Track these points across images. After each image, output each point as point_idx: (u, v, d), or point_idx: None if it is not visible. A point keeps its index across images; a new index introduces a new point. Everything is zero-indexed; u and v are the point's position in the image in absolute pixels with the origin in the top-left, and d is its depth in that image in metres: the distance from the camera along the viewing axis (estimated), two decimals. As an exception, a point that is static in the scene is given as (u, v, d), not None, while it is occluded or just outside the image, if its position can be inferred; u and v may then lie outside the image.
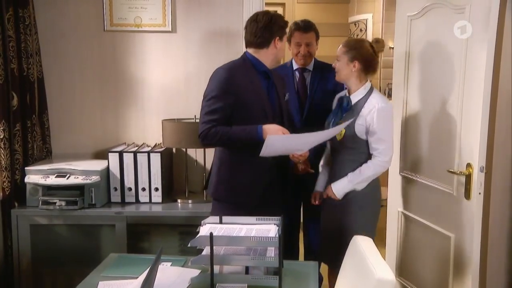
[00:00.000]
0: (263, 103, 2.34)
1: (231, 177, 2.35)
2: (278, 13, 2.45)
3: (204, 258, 1.78)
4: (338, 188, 2.43)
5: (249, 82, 2.32)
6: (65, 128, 3.11)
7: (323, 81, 2.94)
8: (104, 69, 3.08)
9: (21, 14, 2.73)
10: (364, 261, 1.61)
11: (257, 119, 2.28)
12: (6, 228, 2.76)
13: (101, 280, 1.88)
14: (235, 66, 2.36)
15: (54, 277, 2.76)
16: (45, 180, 2.73)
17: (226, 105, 2.26)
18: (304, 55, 2.91)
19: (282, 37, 2.38)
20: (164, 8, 3.01)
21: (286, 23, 2.41)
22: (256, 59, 2.37)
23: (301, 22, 2.95)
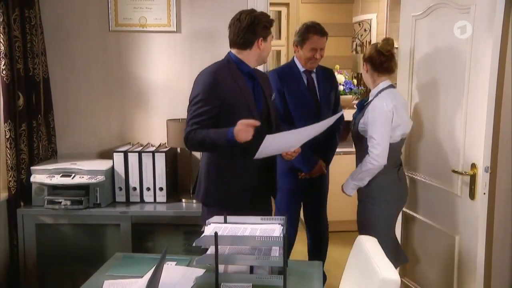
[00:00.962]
0: (249, 105, 2.28)
1: (221, 181, 2.31)
2: (263, 12, 2.39)
3: (209, 258, 1.79)
4: (345, 186, 2.59)
5: (235, 84, 2.27)
6: (70, 128, 3.13)
7: (324, 82, 2.96)
8: (109, 69, 3.09)
9: (27, 14, 2.74)
10: (368, 261, 1.61)
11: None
12: (12, 227, 2.78)
13: (106, 279, 1.89)
14: (219, 68, 2.30)
15: (59, 276, 2.78)
16: (51, 179, 2.75)
17: (212, 109, 2.21)
18: (317, 60, 2.87)
19: (267, 37, 2.32)
20: (169, 8, 3.02)
21: (271, 22, 2.34)
22: (240, 59, 2.32)
23: (317, 25, 2.86)
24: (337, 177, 3.13)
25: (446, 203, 2.49)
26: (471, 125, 2.30)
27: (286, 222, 1.94)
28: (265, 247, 1.83)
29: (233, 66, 2.32)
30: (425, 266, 2.70)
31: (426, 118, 2.65)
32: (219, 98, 2.21)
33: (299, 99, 2.87)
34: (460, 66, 2.36)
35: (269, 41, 2.35)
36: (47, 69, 3.00)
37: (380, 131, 2.40)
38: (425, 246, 2.69)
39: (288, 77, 2.89)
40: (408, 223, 2.84)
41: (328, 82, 2.98)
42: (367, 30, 6.63)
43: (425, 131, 2.66)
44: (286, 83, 2.88)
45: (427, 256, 2.68)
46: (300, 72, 2.91)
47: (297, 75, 2.90)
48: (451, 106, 2.44)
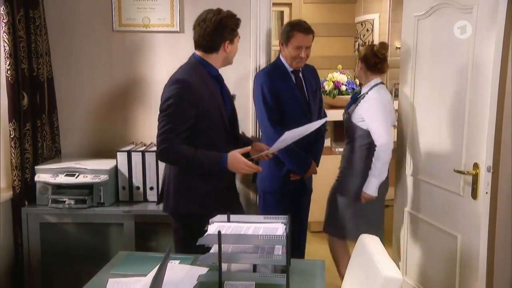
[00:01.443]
0: (220, 108, 2.28)
1: (195, 188, 2.26)
2: (230, 13, 2.30)
3: (212, 256, 1.80)
4: (369, 188, 2.69)
5: (206, 89, 2.24)
6: (74, 128, 3.15)
7: (310, 81, 2.93)
8: (113, 69, 3.11)
9: (32, 15, 2.76)
10: (371, 260, 1.62)
11: (217, 125, 2.27)
12: (16, 226, 2.80)
13: (110, 277, 1.90)
14: (190, 73, 2.24)
15: (63, 274, 2.79)
16: (55, 179, 2.77)
17: (190, 119, 2.17)
18: (303, 59, 2.80)
19: (233, 39, 2.28)
20: (172, 9, 3.03)
21: (237, 24, 2.29)
22: (207, 62, 2.28)
23: (302, 23, 2.81)
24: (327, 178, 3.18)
25: (448, 203, 2.50)
26: (473, 124, 2.31)
27: (289, 222, 1.95)
28: (268, 246, 1.84)
29: (202, 70, 2.27)
30: (427, 265, 2.71)
31: (428, 117, 2.66)
32: (195, 106, 2.18)
33: (289, 98, 2.82)
34: (462, 66, 2.36)
35: (236, 43, 2.31)
36: (51, 69, 3.01)
37: (381, 121, 2.64)
38: (428, 245, 2.70)
39: (277, 77, 2.83)
40: (411, 223, 2.84)
41: (313, 80, 2.96)
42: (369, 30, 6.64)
43: (427, 130, 2.66)
44: (277, 83, 2.81)
45: (429, 256, 2.69)
46: (288, 72, 2.84)
47: (285, 74, 2.84)
48: (453, 105, 2.45)
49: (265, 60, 3.09)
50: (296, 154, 2.80)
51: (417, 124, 2.75)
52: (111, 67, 3.10)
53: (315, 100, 2.93)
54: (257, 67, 3.08)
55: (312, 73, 2.98)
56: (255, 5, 3.04)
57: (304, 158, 2.85)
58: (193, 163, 2.18)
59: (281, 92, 2.81)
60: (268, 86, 2.79)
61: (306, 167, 2.85)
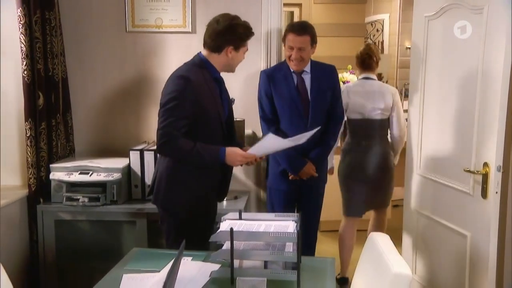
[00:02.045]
0: (218, 109, 2.32)
1: (185, 183, 2.30)
2: (245, 23, 2.34)
3: (225, 253, 1.84)
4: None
5: (207, 88, 2.29)
6: (88, 127, 3.20)
7: (320, 82, 2.84)
8: (126, 69, 3.16)
9: (48, 16, 2.82)
10: (381, 257, 1.65)
11: (214, 126, 2.31)
12: (32, 223, 2.85)
13: (125, 273, 1.94)
14: (193, 71, 2.29)
15: (77, 270, 2.84)
16: (69, 177, 2.82)
17: (189, 115, 2.21)
18: (296, 60, 2.75)
19: (238, 48, 2.31)
20: (184, 9, 3.08)
21: (247, 35, 2.32)
22: (209, 62, 2.32)
23: (297, 24, 2.80)
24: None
25: (458, 202, 2.51)
26: (483, 124, 2.32)
27: (300, 220, 1.98)
28: (279, 243, 1.87)
29: (204, 69, 2.32)
30: (436, 264, 2.72)
31: (438, 117, 2.67)
32: (195, 103, 2.22)
33: (286, 100, 2.81)
34: (472, 66, 2.37)
35: (241, 52, 2.34)
36: (66, 69, 3.08)
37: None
38: (437, 244, 2.71)
39: (277, 77, 2.83)
40: (420, 222, 2.86)
41: (324, 81, 2.86)
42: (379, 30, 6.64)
43: (437, 130, 2.67)
44: (274, 83, 2.82)
45: (438, 255, 2.70)
46: (290, 73, 2.82)
47: (286, 75, 2.82)
48: (463, 105, 2.46)
49: (275, 60, 3.12)
50: (289, 154, 2.77)
51: (427, 124, 2.76)
52: (124, 67, 3.16)
53: (321, 103, 2.84)
54: (268, 67, 3.11)
55: (327, 74, 2.89)
56: (267, 6, 3.07)
57: (296, 159, 2.82)
58: (192, 156, 2.22)
59: (276, 92, 2.81)
60: (265, 85, 2.84)
61: (298, 168, 2.82)
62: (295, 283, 1.81)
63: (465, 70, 2.44)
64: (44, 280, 2.85)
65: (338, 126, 2.96)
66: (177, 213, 2.33)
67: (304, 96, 2.83)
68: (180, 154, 2.24)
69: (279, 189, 2.92)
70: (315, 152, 2.85)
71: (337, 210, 3.36)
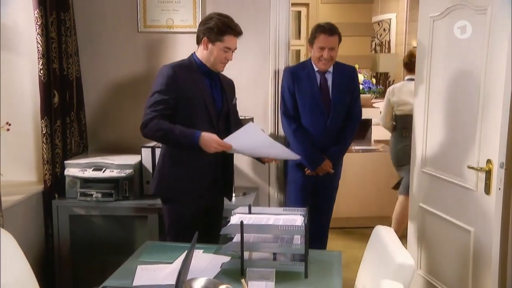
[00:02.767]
0: (206, 103, 2.38)
1: (173, 172, 2.41)
2: (229, 20, 2.39)
3: (235, 245, 1.91)
4: None
5: (192, 80, 2.37)
6: (101, 125, 3.29)
7: (340, 83, 2.97)
8: (138, 68, 3.24)
9: (63, 17, 2.90)
10: (385, 249, 1.71)
11: (200, 116, 2.36)
12: (47, 217, 2.94)
13: (139, 264, 2.02)
14: (180, 65, 2.41)
15: (91, 263, 2.92)
16: (83, 173, 2.90)
17: (169, 99, 2.30)
18: (326, 60, 2.88)
19: (214, 41, 2.35)
20: (195, 10, 3.15)
21: (223, 30, 2.34)
22: (199, 59, 2.41)
23: (326, 25, 2.91)
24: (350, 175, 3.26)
25: (462, 198, 2.56)
26: (486, 122, 2.37)
27: (307, 213, 2.05)
28: (288, 236, 1.94)
29: (194, 66, 2.41)
30: (441, 259, 2.78)
31: (443, 116, 2.73)
32: (176, 91, 2.31)
33: (308, 98, 2.93)
34: (476, 65, 2.43)
35: (218, 48, 2.35)
36: (80, 68, 3.16)
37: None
38: (441, 239, 2.76)
39: (301, 75, 2.95)
40: (425, 217, 2.91)
41: (345, 82, 2.99)
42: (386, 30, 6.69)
43: (442, 129, 2.73)
44: (297, 81, 2.94)
45: (443, 250, 2.75)
46: (314, 72, 2.95)
47: (310, 74, 2.94)
48: (467, 103, 2.52)
49: (284, 59, 3.18)
50: (308, 150, 2.92)
51: (432, 122, 2.82)
52: (135, 66, 3.23)
53: (340, 103, 2.96)
54: (277, 65, 3.18)
55: (348, 74, 3.03)
56: (275, 5, 3.14)
57: (315, 155, 2.94)
58: (169, 137, 2.29)
59: (299, 89, 2.93)
60: (288, 82, 2.96)
61: (316, 164, 2.94)
62: (302, 274, 1.88)
63: (469, 69, 2.49)
64: (59, 272, 2.94)
65: (356, 125, 3.06)
66: (168, 201, 2.44)
67: (325, 95, 2.95)
68: (158, 134, 2.30)
69: (295, 181, 3.03)
70: (333, 150, 2.98)
71: (345, 207, 3.43)
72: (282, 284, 1.77)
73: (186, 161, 2.39)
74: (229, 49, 2.39)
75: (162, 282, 1.85)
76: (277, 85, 3.18)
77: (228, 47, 2.38)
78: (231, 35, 2.37)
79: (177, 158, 2.41)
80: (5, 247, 1.81)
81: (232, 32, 2.37)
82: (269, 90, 3.20)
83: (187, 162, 2.39)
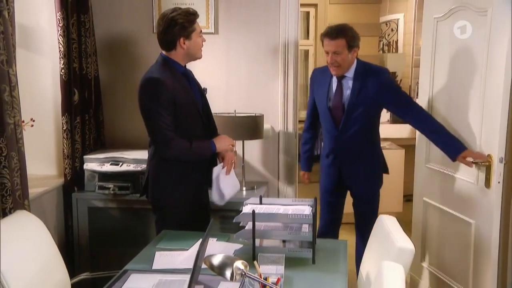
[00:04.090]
0: (194, 101, 2.42)
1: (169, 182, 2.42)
2: (184, 9, 2.36)
3: (247, 232, 2.04)
4: None
5: (179, 84, 2.36)
6: (117, 121, 3.42)
7: (362, 88, 2.73)
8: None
9: (83, 19, 3.05)
10: (388, 235, 1.83)
11: (194, 118, 2.42)
12: (67, 209, 3.09)
13: (157, 250, 2.16)
14: (160, 71, 2.36)
15: (108, 253, 3.04)
16: (101, 167, 3.02)
17: (171, 113, 2.32)
18: (332, 65, 2.72)
19: (190, 35, 2.33)
20: (208, 12, 3.28)
21: (190, 20, 2.32)
22: (173, 60, 2.39)
23: (330, 28, 2.74)
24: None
25: (463, 192, 2.67)
26: (487, 119, 2.48)
27: (315, 204, 2.17)
28: (296, 225, 2.06)
29: (170, 67, 2.39)
30: (443, 251, 2.89)
31: (445, 113, 2.84)
32: (171, 100, 2.31)
33: (320, 104, 2.91)
34: (478, 64, 2.53)
35: (195, 37, 2.36)
36: (98, 68, 3.30)
37: None
38: (444, 232, 2.87)
39: (319, 79, 2.95)
40: (428, 211, 3.02)
41: (367, 87, 2.73)
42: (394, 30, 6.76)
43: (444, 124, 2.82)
44: (316, 85, 2.98)
45: (445, 242, 2.86)
46: (330, 77, 2.82)
47: (326, 79, 2.85)
48: (469, 101, 2.62)
49: (293, 58, 3.30)
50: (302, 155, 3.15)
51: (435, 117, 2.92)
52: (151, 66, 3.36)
53: (360, 108, 2.75)
54: (286, 65, 3.29)
55: (371, 78, 2.74)
56: (284, 6, 3.24)
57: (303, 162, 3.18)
58: (192, 154, 2.37)
59: (316, 93, 2.98)
60: (311, 84, 3.05)
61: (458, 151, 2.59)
62: (310, 260, 2.01)
63: (471, 68, 2.60)
64: (78, 262, 3.08)
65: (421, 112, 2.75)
66: (162, 209, 2.49)
67: (337, 102, 2.79)
68: (181, 154, 2.37)
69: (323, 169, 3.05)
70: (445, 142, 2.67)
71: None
72: (291, 269, 1.89)
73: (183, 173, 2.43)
74: (201, 32, 2.42)
75: (179, 267, 1.98)
76: (286, 84, 3.30)
77: (200, 31, 2.42)
78: (195, 20, 2.39)
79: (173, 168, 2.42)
80: (36, 231, 1.96)
81: (195, 18, 2.39)
82: (278, 88, 3.32)
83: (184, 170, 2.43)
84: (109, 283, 1.85)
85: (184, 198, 2.45)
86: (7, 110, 2.19)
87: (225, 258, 1.49)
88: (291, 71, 3.27)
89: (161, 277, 1.87)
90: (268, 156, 3.38)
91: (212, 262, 1.49)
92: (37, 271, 1.87)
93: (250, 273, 1.48)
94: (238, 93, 3.33)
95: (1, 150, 2.17)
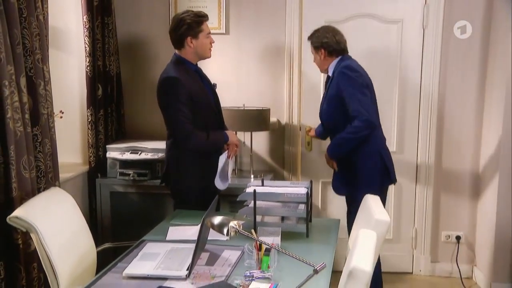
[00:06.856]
0: (208, 98, 2.62)
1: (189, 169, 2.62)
2: (193, 11, 2.54)
3: (249, 209, 2.30)
4: None
5: (192, 81, 2.55)
6: (136, 114, 3.71)
7: (331, 87, 2.76)
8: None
9: (106, 21, 3.35)
10: (369, 210, 2.09)
11: (208, 111, 2.63)
12: (91, 194, 3.39)
13: (170, 226, 2.44)
14: (176, 69, 2.53)
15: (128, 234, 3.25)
16: (122, 156, 3.29)
17: (188, 106, 2.51)
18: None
19: (197, 34, 2.51)
20: (220, 14, 3.55)
21: (198, 21, 2.49)
22: (183, 58, 2.58)
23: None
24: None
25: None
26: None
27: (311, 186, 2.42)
28: (293, 204, 2.33)
29: (182, 64, 2.57)
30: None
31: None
32: (188, 96, 2.52)
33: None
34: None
35: (202, 37, 2.54)
36: (119, 65, 3.60)
37: None
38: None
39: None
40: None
41: (334, 86, 2.73)
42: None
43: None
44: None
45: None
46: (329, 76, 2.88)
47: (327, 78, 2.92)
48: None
49: (297, 56, 3.54)
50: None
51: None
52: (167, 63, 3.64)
53: (329, 107, 2.79)
54: (291, 62, 3.54)
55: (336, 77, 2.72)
56: (291, 7, 3.48)
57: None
58: (209, 145, 2.62)
59: None
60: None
61: None
62: (304, 234, 2.26)
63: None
64: (101, 241, 3.37)
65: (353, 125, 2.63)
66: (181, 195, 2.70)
67: (322, 102, 2.93)
68: (201, 146, 2.59)
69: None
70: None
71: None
72: (287, 241, 2.14)
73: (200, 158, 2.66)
74: (209, 34, 2.60)
75: (189, 238, 2.26)
76: (292, 80, 3.54)
77: (208, 33, 2.59)
78: (204, 22, 2.57)
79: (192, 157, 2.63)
80: (68, 204, 2.27)
81: (204, 19, 2.57)
82: (284, 84, 3.57)
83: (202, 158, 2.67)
84: (129, 249, 2.14)
85: (200, 185, 2.68)
86: (42, 102, 2.49)
87: (223, 219, 1.77)
88: (296, 68, 3.52)
89: (174, 245, 2.16)
90: (274, 147, 3.63)
91: (213, 222, 1.77)
92: (69, 237, 2.17)
93: (242, 230, 1.75)
94: (247, 88, 3.59)
95: (36, 137, 2.47)
